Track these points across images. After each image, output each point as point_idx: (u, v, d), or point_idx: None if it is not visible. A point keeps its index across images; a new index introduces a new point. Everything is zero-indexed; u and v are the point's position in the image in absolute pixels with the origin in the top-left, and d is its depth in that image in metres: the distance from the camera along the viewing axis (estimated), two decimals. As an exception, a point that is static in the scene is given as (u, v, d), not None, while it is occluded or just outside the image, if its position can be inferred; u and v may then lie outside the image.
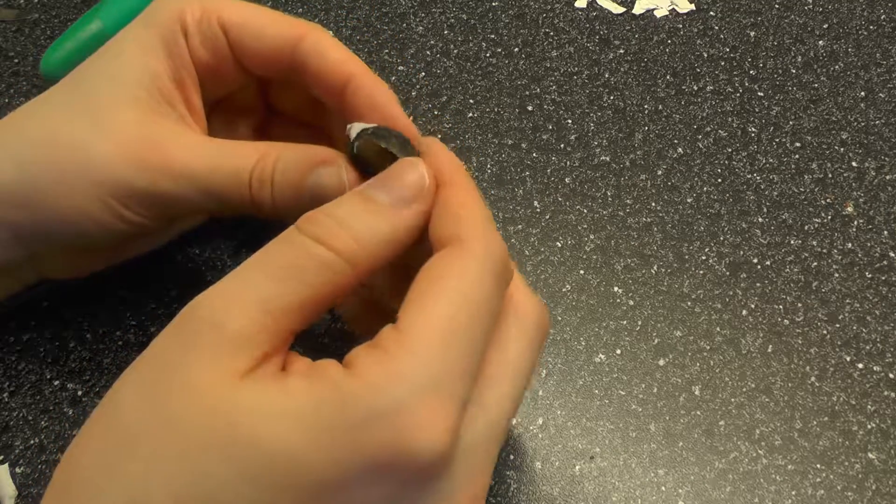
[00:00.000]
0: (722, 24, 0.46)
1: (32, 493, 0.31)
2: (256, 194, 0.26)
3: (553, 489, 0.31)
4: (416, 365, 0.20)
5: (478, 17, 0.46)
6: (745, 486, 0.31)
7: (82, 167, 0.26)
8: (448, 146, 0.40)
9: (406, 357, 0.20)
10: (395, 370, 0.19)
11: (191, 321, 0.21)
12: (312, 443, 0.19)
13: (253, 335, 0.20)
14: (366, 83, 0.27)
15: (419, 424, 0.19)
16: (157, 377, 0.20)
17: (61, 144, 0.26)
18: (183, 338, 0.21)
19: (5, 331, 0.34)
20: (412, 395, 0.19)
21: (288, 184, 0.26)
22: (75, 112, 0.27)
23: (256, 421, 0.19)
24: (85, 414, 0.32)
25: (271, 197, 0.26)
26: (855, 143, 0.41)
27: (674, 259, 0.37)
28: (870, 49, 0.44)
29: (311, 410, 0.19)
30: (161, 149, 0.26)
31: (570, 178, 0.39)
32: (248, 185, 0.26)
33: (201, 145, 0.27)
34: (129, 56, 0.27)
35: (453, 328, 0.20)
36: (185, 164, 0.26)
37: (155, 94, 0.27)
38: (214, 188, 0.26)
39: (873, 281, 0.36)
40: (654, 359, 0.34)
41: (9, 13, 0.46)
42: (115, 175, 0.26)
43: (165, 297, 0.35)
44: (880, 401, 0.33)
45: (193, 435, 0.19)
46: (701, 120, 0.42)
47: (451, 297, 0.21)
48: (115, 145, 0.26)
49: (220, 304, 0.21)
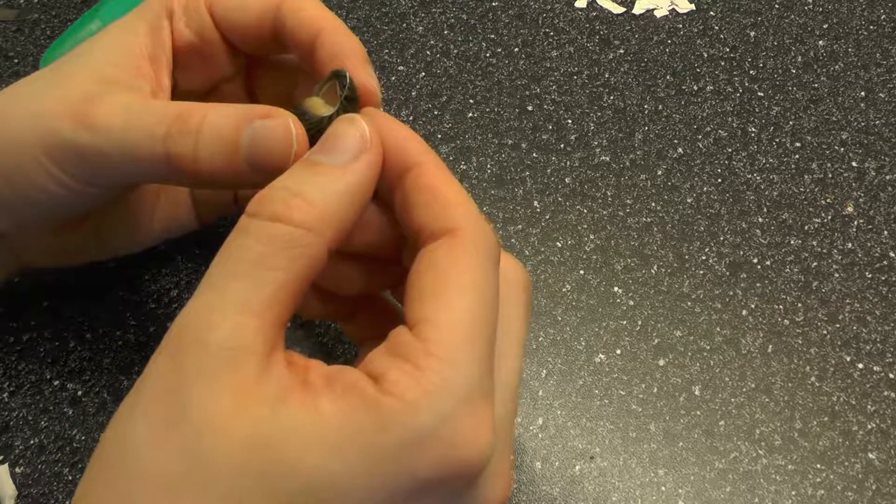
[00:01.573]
0: (722, 24, 0.46)
1: (32, 493, 0.31)
2: (173, 150, 0.24)
3: (553, 489, 0.31)
4: (452, 376, 0.19)
5: (478, 17, 0.46)
6: (745, 486, 0.31)
7: (25, 122, 0.26)
8: (448, 146, 0.40)
9: (440, 368, 0.19)
10: (433, 385, 0.19)
11: (183, 345, 0.20)
12: (358, 469, 0.19)
13: (248, 343, 0.20)
14: (333, 37, 0.26)
15: (465, 434, 0.19)
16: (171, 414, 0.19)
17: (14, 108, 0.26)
18: (182, 365, 0.19)
19: (5, 331, 0.34)
20: (454, 407, 0.19)
21: (217, 138, 0.24)
22: (41, 82, 0.27)
23: (294, 450, 0.19)
24: (85, 414, 0.32)
25: (193, 153, 0.24)
26: (855, 143, 0.41)
27: (674, 259, 0.37)
28: (870, 49, 0.44)
29: (351, 435, 0.19)
30: (92, 104, 0.25)
31: (570, 178, 0.39)
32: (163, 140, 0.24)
33: (131, 102, 0.25)
34: (109, 36, 0.27)
35: (476, 326, 0.20)
36: (107, 117, 0.25)
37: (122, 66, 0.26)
38: (128, 144, 0.25)
39: (873, 281, 0.36)
40: (654, 359, 0.34)
41: (9, 13, 0.46)
42: (49, 127, 0.25)
43: (165, 298, 0.35)
44: (880, 401, 0.33)
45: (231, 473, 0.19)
46: (701, 120, 0.42)
47: (467, 295, 0.20)
48: (54, 101, 0.26)
49: (204, 321, 0.20)
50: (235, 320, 0.20)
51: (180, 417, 0.19)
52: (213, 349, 0.19)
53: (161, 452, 0.19)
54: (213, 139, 0.24)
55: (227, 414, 0.19)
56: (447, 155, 0.40)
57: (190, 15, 0.28)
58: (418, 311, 0.20)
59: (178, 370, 0.19)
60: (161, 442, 0.19)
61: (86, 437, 0.32)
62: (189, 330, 0.20)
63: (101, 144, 0.25)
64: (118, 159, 0.25)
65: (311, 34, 0.27)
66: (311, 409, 0.19)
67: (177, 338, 0.20)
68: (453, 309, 0.20)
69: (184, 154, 0.24)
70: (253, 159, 0.24)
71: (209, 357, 0.19)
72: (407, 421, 0.19)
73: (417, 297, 0.21)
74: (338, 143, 0.22)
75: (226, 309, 0.20)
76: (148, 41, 0.27)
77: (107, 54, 0.27)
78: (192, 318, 0.20)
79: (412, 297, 0.21)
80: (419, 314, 0.20)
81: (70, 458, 0.31)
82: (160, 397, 0.20)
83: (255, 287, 0.20)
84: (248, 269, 0.20)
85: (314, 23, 0.27)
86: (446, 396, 0.19)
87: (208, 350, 0.19)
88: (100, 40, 0.28)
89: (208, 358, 0.19)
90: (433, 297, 0.20)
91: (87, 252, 0.32)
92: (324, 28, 0.27)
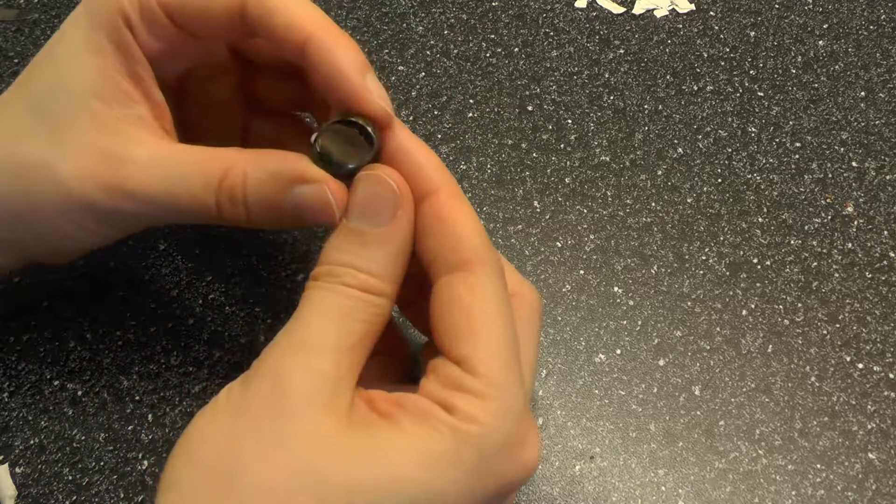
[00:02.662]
0: (722, 24, 0.46)
1: (32, 493, 0.31)
2: (227, 212, 0.25)
3: (553, 489, 0.31)
4: (508, 400, 0.23)
5: (478, 17, 0.46)
6: (745, 486, 0.31)
7: (49, 191, 0.26)
8: (448, 146, 0.40)
9: (498, 396, 0.22)
10: (496, 410, 0.22)
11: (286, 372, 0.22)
12: (452, 483, 0.21)
13: (344, 376, 0.22)
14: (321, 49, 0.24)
15: (528, 445, 0.23)
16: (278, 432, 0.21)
17: (26, 167, 0.26)
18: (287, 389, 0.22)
19: (5, 331, 0.34)
20: (516, 425, 0.23)
21: (264, 203, 0.25)
22: (34, 131, 0.26)
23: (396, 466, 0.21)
24: (85, 414, 0.32)
25: (246, 214, 0.25)
26: (855, 143, 0.41)
27: (674, 259, 0.37)
28: (870, 49, 0.44)
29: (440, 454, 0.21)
30: (118, 168, 0.25)
31: (570, 178, 0.39)
32: (215, 204, 0.25)
33: (157, 162, 0.25)
34: (78, 60, 0.26)
35: (509, 349, 0.23)
36: (143, 185, 0.25)
37: (110, 101, 0.26)
38: (176, 207, 0.26)
39: (873, 281, 0.36)
40: (654, 359, 0.34)
41: (9, 13, 0.46)
42: (79, 196, 0.25)
43: (165, 297, 0.35)
44: (880, 401, 0.33)
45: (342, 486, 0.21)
46: (701, 120, 0.42)
47: (496, 325, 0.23)
48: (75, 166, 0.25)
49: (304, 354, 0.22)
50: (335, 357, 0.22)
51: (287, 436, 0.21)
52: (316, 376, 0.22)
53: (269, 468, 0.21)
54: (259, 206, 0.25)
55: (332, 433, 0.21)
56: (447, 155, 0.40)
57: (148, 21, 0.26)
58: (460, 348, 0.23)
59: (282, 395, 0.22)
60: (268, 459, 0.21)
61: (86, 437, 0.32)
62: (291, 360, 0.22)
63: (146, 209, 0.26)
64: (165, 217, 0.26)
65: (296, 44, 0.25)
66: (398, 431, 0.22)
67: (277, 366, 0.22)
68: (490, 343, 0.23)
69: (239, 218, 0.26)
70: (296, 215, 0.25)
71: (313, 384, 0.22)
72: (485, 441, 0.22)
73: (453, 335, 0.23)
74: (371, 209, 0.24)
75: (325, 346, 0.22)
76: (119, 58, 0.26)
77: (86, 85, 0.26)
78: (291, 350, 0.22)
79: (446, 334, 0.23)
80: (462, 351, 0.23)
81: (70, 458, 0.31)
82: (264, 419, 0.21)
83: (348, 333, 0.23)
84: (340, 318, 0.23)
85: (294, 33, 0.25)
86: (508, 418, 0.22)
87: (312, 376, 0.22)
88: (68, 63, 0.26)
89: (312, 385, 0.22)
90: (470, 335, 0.23)
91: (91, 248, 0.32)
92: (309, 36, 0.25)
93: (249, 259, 0.36)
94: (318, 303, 0.23)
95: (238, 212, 0.25)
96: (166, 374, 0.33)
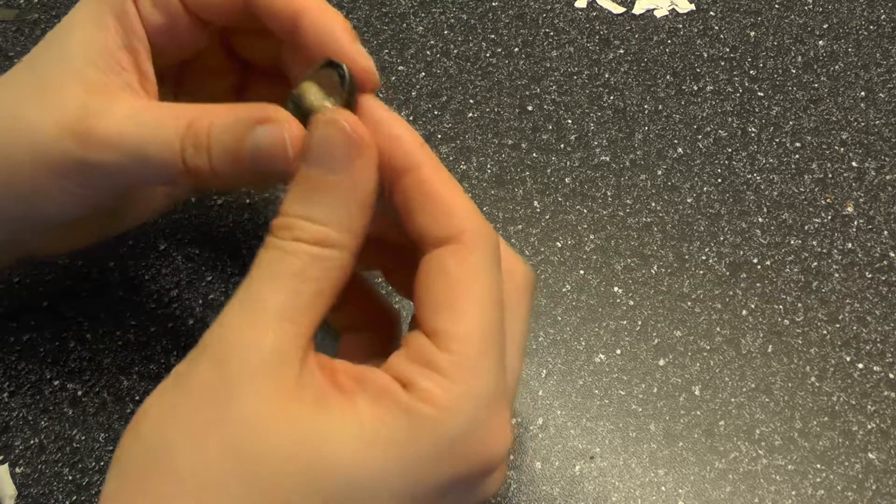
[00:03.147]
0: (722, 24, 0.46)
1: (32, 493, 0.31)
2: (191, 161, 0.25)
3: (553, 489, 0.31)
4: (477, 383, 0.21)
5: (478, 17, 0.46)
6: (745, 486, 0.31)
7: (28, 144, 0.26)
8: (448, 146, 0.40)
9: (466, 377, 0.21)
10: (461, 392, 0.21)
11: (227, 349, 0.21)
12: (395, 469, 0.20)
13: (288, 348, 0.21)
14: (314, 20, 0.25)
15: (493, 434, 0.21)
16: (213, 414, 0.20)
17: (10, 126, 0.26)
18: (227, 368, 0.20)
19: (5, 331, 0.34)
20: (480, 411, 0.21)
21: (225, 149, 0.24)
22: (25, 93, 0.27)
23: (335, 449, 0.20)
24: (85, 414, 0.32)
25: (209, 164, 0.25)
26: (855, 143, 0.41)
27: (674, 259, 0.37)
28: (870, 49, 0.44)
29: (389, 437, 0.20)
30: (95, 118, 0.25)
31: (570, 178, 0.39)
32: (181, 154, 0.25)
33: (136, 113, 0.25)
34: (79, 32, 0.27)
35: (491, 333, 0.22)
36: (117, 132, 0.25)
37: (102, 66, 0.26)
38: (147, 157, 0.25)
39: (873, 281, 0.36)
40: (654, 359, 0.34)
41: (9, 13, 0.46)
42: (55, 148, 0.25)
43: (165, 297, 0.35)
44: (880, 401, 0.33)
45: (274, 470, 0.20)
46: (701, 120, 0.42)
47: (481, 302, 0.22)
48: (54, 119, 0.26)
49: (246, 326, 0.21)
50: (278, 326, 0.21)
51: (223, 417, 0.20)
52: (257, 353, 0.20)
53: (203, 450, 0.20)
54: (221, 153, 0.24)
55: (271, 414, 0.20)
56: (447, 155, 0.40)
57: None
58: (436, 321, 0.21)
59: (222, 373, 0.20)
60: (203, 440, 0.20)
61: (86, 437, 0.32)
62: (233, 335, 0.21)
63: (118, 159, 0.25)
64: (136, 170, 0.26)
65: (289, 20, 0.26)
66: (349, 411, 0.20)
67: (219, 342, 0.21)
68: (470, 319, 0.21)
69: (202, 167, 0.25)
70: (256, 163, 0.24)
71: (253, 360, 0.20)
72: (440, 427, 0.20)
73: (432, 307, 0.22)
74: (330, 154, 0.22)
75: (268, 315, 0.21)
76: (120, 32, 0.27)
77: (83, 53, 0.26)
78: (235, 324, 0.21)
79: (426, 306, 0.22)
80: (438, 325, 0.21)
81: (70, 458, 0.31)
82: (203, 398, 0.20)
83: (293, 296, 0.21)
84: (286, 281, 0.21)
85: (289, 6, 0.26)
86: (473, 402, 0.21)
87: (253, 354, 0.20)
88: (70, 36, 0.27)
89: (252, 361, 0.20)
90: (449, 308, 0.22)
91: (93, 236, 0.32)
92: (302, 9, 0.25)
93: (249, 259, 0.36)
94: (264, 266, 0.22)
95: (201, 160, 0.24)
96: (166, 374, 0.33)
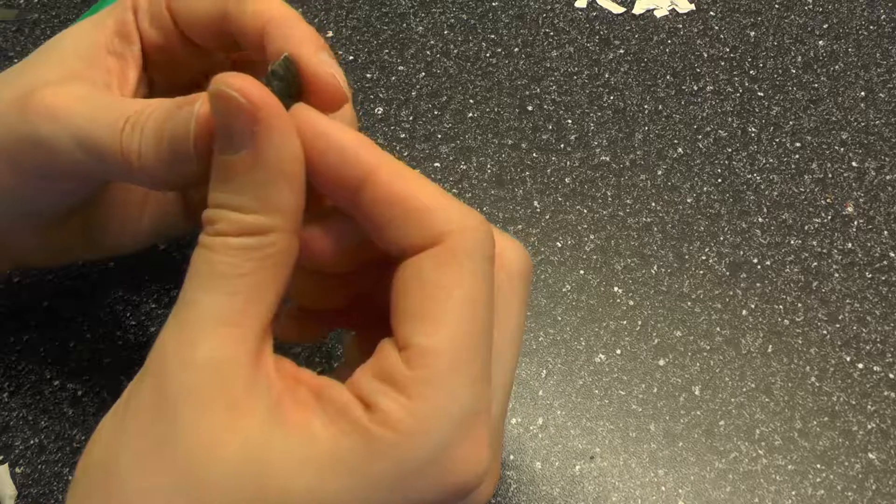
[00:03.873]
0: (722, 24, 0.46)
1: (32, 493, 0.31)
2: (126, 144, 0.23)
3: (553, 489, 0.31)
4: (446, 404, 0.19)
5: (478, 17, 0.46)
6: (745, 486, 0.31)
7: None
8: (448, 146, 0.40)
9: (433, 397, 0.18)
10: (426, 415, 0.18)
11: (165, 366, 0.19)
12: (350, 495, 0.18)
13: (231, 355, 0.19)
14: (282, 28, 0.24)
15: (464, 458, 0.19)
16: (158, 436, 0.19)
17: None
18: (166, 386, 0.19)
19: (5, 331, 0.34)
20: (449, 435, 0.18)
21: (152, 129, 0.22)
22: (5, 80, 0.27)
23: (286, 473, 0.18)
24: (85, 414, 0.32)
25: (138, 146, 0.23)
26: (855, 143, 0.41)
27: (674, 259, 0.37)
28: (870, 49, 0.44)
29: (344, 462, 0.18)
30: (43, 90, 0.24)
31: (570, 178, 0.39)
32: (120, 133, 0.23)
33: (91, 96, 0.24)
34: (76, 30, 0.27)
35: (471, 345, 0.19)
36: (65, 107, 0.24)
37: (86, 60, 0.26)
38: (89, 137, 0.23)
39: (873, 281, 0.36)
40: (654, 359, 0.34)
41: (9, 13, 0.46)
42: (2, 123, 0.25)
43: (165, 298, 0.35)
44: (880, 401, 0.33)
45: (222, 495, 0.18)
46: (701, 120, 0.42)
47: (459, 311, 0.19)
48: (9, 97, 0.25)
49: (184, 338, 0.19)
50: (215, 333, 0.19)
51: (168, 439, 0.18)
52: (195, 366, 0.19)
53: (149, 476, 0.18)
54: (150, 133, 0.22)
55: (218, 432, 0.18)
56: (447, 155, 0.40)
57: (153, 12, 0.27)
58: (408, 333, 0.19)
59: (163, 391, 0.19)
60: (148, 465, 0.18)
61: (86, 437, 0.32)
62: (169, 349, 0.19)
63: (63, 139, 0.24)
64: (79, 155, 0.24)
65: (257, 26, 0.24)
66: (304, 430, 0.19)
67: (158, 359, 0.19)
68: (444, 331, 0.19)
69: (132, 150, 0.23)
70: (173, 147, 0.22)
71: (193, 374, 0.19)
72: (401, 452, 0.18)
73: (403, 317, 0.19)
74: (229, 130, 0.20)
75: (203, 323, 0.19)
76: (115, 37, 0.27)
77: (74, 47, 0.26)
78: (171, 337, 0.19)
79: (398, 316, 0.20)
80: (410, 338, 0.19)
81: (70, 458, 0.31)
82: (146, 419, 0.19)
83: (227, 297, 0.19)
84: (217, 281, 0.19)
85: (258, 18, 0.24)
86: (440, 425, 0.18)
87: (191, 367, 0.19)
88: (69, 34, 0.27)
89: (192, 375, 0.19)
90: (421, 318, 0.19)
91: (75, 252, 0.32)
92: (271, 18, 0.24)
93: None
94: (194, 269, 0.20)
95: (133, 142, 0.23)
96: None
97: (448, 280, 0.19)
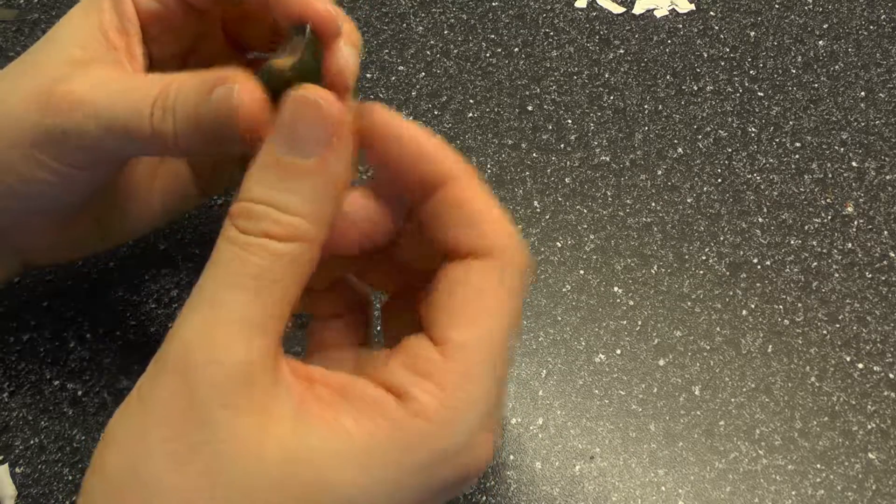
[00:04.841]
0: (722, 24, 0.46)
1: (32, 493, 0.31)
2: (158, 126, 0.24)
3: (553, 489, 0.31)
4: (477, 396, 0.20)
5: (478, 17, 0.46)
6: (745, 486, 0.31)
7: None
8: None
9: (465, 389, 0.20)
10: (457, 406, 0.20)
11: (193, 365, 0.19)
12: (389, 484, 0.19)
13: (258, 360, 0.19)
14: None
15: (482, 447, 0.21)
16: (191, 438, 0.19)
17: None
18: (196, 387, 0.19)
19: (5, 331, 0.34)
20: (478, 424, 0.20)
21: (187, 112, 0.23)
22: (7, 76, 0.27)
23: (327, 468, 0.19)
24: (85, 414, 0.32)
25: (173, 128, 0.23)
26: (855, 143, 0.41)
27: (674, 259, 0.37)
28: (870, 49, 0.44)
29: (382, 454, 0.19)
30: (61, 84, 0.25)
31: (570, 178, 0.39)
32: (150, 118, 0.24)
33: (106, 79, 0.25)
34: (73, 17, 0.27)
35: (500, 347, 0.21)
36: (88, 97, 0.24)
37: (90, 45, 0.26)
38: (117, 122, 0.24)
39: (873, 281, 0.36)
40: (654, 359, 0.34)
41: (9, 13, 0.46)
42: (23, 119, 0.25)
43: (165, 298, 0.35)
44: (880, 401, 0.33)
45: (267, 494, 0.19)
46: (701, 120, 0.42)
47: (496, 317, 0.21)
48: (24, 91, 0.25)
49: (211, 338, 0.19)
50: (244, 336, 0.19)
51: (203, 441, 0.19)
52: (227, 369, 0.19)
53: (186, 479, 0.19)
54: (184, 116, 0.23)
55: (252, 436, 0.19)
56: (447, 155, 0.40)
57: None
58: (449, 330, 0.21)
59: (190, 394, 0.19)
60: (184, 468, 0.19)
61: (86, 437, 0.32)
62: (197, 349, 0.19)
63: (89, 125, 0.24)
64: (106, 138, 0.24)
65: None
66: (336, 427, 0.19)
67: (181, 357, 0.19)
68: (479, 332, 0.21)
69: (167, 132, 0.24)
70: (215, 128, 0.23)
71: (225, 378, 0.19)
72: (434, 441, 0.20)
73: (447, 315, 0.21)
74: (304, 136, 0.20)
75: (232, 325, 0.19)
76: (113, 16, 0.27)
77: (73, 36, 0.26)
78: (197, 335, 0.19)
79: (440, 312, 0.21)
80: (450, 334, 0.21)
81: (70, 458, 0.31)
82: (175, 422, 0.19)
83: (258, 301, 0.20)
84: (248, 283, 0.20)
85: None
86: (470, 416, 0.20)
87: (223, 370, 0.19)
88: (66, 23, 0.27)
89: (223, 378, 0.19)
90: (467, 320, 0.21)
91: (90, 243, 0.32)
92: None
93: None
94: (224, 265, 0.20)
95: (166, 124, 0.23)
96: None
97: (492, 290, 0.21)
